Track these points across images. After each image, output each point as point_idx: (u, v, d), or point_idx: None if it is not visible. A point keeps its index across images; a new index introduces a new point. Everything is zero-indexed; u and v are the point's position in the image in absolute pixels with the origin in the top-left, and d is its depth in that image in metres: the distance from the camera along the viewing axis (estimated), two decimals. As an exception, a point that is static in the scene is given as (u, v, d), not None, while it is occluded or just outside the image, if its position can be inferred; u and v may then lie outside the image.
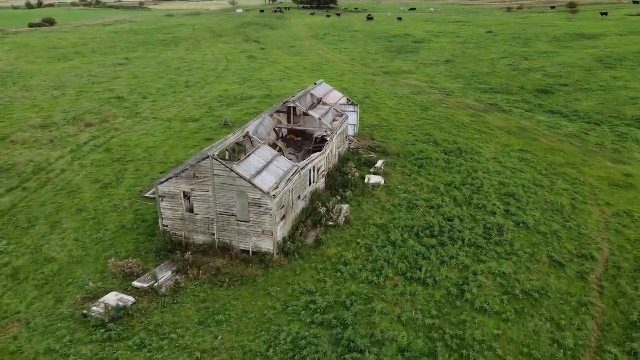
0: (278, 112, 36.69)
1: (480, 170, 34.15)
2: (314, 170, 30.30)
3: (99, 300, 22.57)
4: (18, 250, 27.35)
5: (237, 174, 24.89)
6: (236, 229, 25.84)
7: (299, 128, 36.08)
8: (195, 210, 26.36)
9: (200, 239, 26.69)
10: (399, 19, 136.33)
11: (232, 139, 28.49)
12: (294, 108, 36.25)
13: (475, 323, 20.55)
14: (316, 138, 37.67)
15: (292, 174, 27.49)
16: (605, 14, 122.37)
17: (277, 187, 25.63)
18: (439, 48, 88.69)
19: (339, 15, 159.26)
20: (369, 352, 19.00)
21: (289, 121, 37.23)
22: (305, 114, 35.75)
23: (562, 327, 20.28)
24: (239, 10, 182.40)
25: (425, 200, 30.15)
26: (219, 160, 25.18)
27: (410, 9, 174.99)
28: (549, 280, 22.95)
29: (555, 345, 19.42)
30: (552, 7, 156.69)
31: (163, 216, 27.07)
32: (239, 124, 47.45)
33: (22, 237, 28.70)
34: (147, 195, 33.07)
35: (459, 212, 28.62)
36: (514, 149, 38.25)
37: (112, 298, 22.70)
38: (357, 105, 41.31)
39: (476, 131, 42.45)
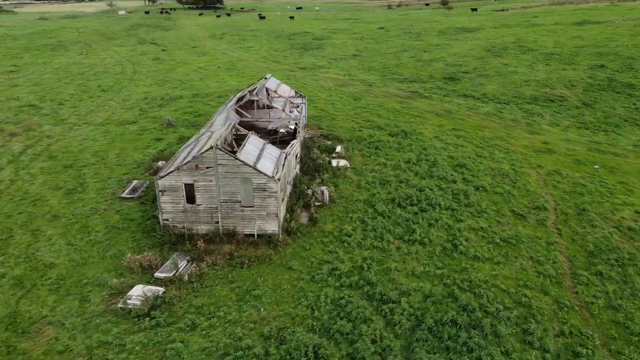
0: (240, 106, 38.06)
1: (428, 147, 38.45)
2: (295, 157, 32.43)
3: (128, 294, 23.02)
4: (8, 260, 26.34)
5: (241, 161, 26.39)
6: (240, 214, 27.30)
7: (263, 121, 37.78)
8: (198, 201, 27.34)
9: (203, 228, 27.71)
10: (291, 17, 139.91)
11: (222, 131, 29.65)
12: (257, 101, 37.87)
13: (474, 268, 24.31)
14: (270, 130, 39.52)
15: (283, 159, 29.46)
16: (475, 9, 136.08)
17: (277, 172, 27.52)
18: (341, 44, 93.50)
19: (228, 15, 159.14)
20: (399, 302, 21.89)
21: (251, 115, 38.73)
22: (269, 107, 37.58)
23: (541, 262, 24.76)
24: (122, 12, 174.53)
25: (394, 176, 33.63)
26: (223, 150, 26.48)
27: (297, 8, 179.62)
28: (518, 229, 27.48)
29: (541, 276, 23.77)
30: (427, 4, 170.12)
31: (163, 210, 27.66)
32: (181, 123, 47.67)
33: (5, 248, 27.54)
34: (124, 195, 32.92)
35: (426, 183, 32.47)
36: (448, 129, 43.21)
37: (141, 290, 23.24)
38: (304, 97, 43.79)
39: (410, 115, 46.99)
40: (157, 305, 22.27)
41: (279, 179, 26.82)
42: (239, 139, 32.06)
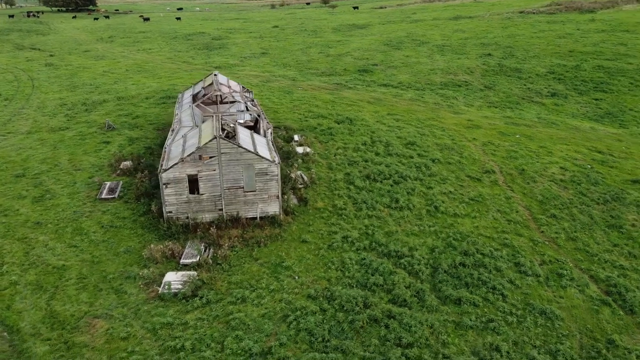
0: (203, 102, 39.10)
1: (376, 130, 42.56)
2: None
3: (164, 281, 24.01)
4: (12, 269, 25.67)
5: (244, 148, 28.22)
6: (243, 199, 29.10)
7: (228, 114, 39.18)
8: (201, 190, 28.62)
9: (207, 217, 29.04)
10: (178, 18, 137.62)
11: (214, 123, 30.92)
12: (220, 95, 39.13)
13: (458, 223, 28.71)
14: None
15: (272, 145, 31.62)
16: (357, 7, 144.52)
17: (275, 156, 29.70)
18: (243, 43, 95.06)
19: (107, 17, 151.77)
20: (411, 255, 25.51)
21: (214, 109, 39.85)
22: (232, 102, 39.10)
23: (507, 213, 29.87)
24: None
25: (359, 157, 37.18)
26: (226, 139, 28.08)
27: (178, 9, 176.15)
28: (479, 190, 32.49)
29: (511, 223, 28.82)
30: (308, 4, 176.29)
31: (167, 202, 28.51)
32: (121, 126, 46.93)
33: (0, 259, 26.59)
34: (104, 197, 32.73)
35: (389, 160, 36.47)
36: (384, 114, 47.76)
37: (175, 276, 24.36)
38: (251, 91, 45.67)
39: (345, 104, 50.87)
40: (200, 286, 23.60)
41: (278, 163, 29.08)
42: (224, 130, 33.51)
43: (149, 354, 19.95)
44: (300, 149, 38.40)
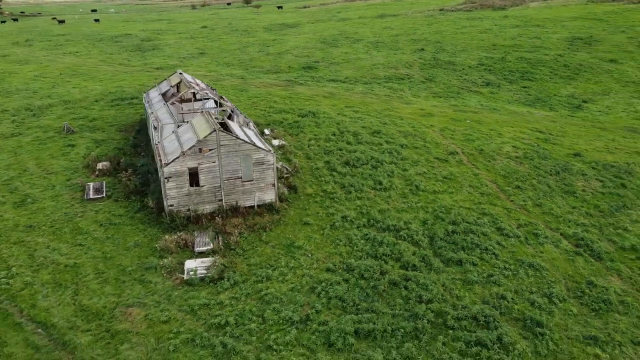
0: (178, 100, 39.67)
1: (341, 122, 45.13)
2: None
3: (187, 268, 25.10)
4: (22, 270, 25.57)
5: (242, 140, 29.69)
6: (241, 189, 30.54)
7: (204, 109, 40.04)
8: (202, 183, 29.73)
9: (207, 208, 30.18)
10: (97, 20, 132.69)
11: (206, 117, 31.92)
12: (195, 93, 39.90)
13: (439, 199, 31.94)
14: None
15: (260, 136, 33.18)
16: (281, 7, 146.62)
17: (269, 147, 31.36)
18: (175, 44, 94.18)
19: (16, 20, 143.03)
20: (408, 228, 28.31)
21: (188, 107, 40.50)
22: (206, 98, 40.00)
23: (478, 187, 33.54)
24: None
25: (332, 146, 39.51)
26: (225, 131, 29.39)
27: (92, 10, 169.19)
28: (449, 169, 36.00)
29: (484, 195, 32.47)
30: (228, 4, 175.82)
31: (169, 196, 29.33)
32: (81, 129, 46.06)
33: (4, 261, 26.28)
34: (91, 197, 32.74)
35: (362, 148, 39.14)
36: (342, 107, 50.44)
37: (194, 263, 25.52)
38: (214, 89, 46.60)
39: (302, 99, 53.02)
40: (223, 269, 24.93)
41: (274, 152, 30.81)
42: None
43: (196, 332, 21.18)
44: (275, 142, 40.11)
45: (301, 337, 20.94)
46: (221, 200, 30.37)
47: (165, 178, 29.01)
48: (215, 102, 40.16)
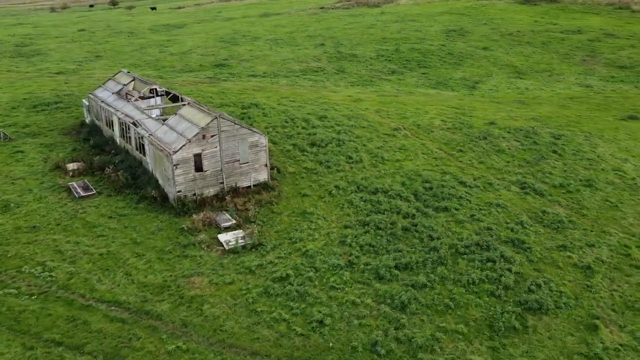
0: (140, 97, 40.73)
1: (285, 111, 49.05)
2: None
3: (223, 241, 27.91)
4: (57, 265, 26.43)
5: (239, 125, 32.74)
6: (239, 171, 33.57)
7: (172, 105, 41.66)
8: (205, 167, 32.23)
9: (211, 191, 32.77)
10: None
11: (198, 107, 34.09)
12: (167, 92, 41.32)
13: (403, 165, 37.77)
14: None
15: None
16: (155, 8, 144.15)
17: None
18: (59, 47, 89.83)
19: None
20: (392, 189, 33.68)
21: (155, 101, 41.74)
22: (168, 94, 41.55)
23: (430, 154, 40.03)
24: None
25: (292, 131, 43.53)
26: (226, 117, 32.19)
27: None
28: (400, 142, 42.04)
29: (437, 159, 38.98)
30: (91, 6, 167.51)
31: (177, 182, 31.42)
32: (18, 136, 44.50)
33: (30, 259, 26.77)
34: (83, 195, 33.32)
35: (319, 130, 43.65)
36: (277, 98, 54.26)
37: (228, 236, 28.42)
38: (161, 87, 47.86)
39: (236, 94, 55.82)
40: (258, 238, 28.15)
41: (266, 135, 34.23)
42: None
43: (264, 284, 24.46)
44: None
45: (354, 276, 25.28)
46: (222, 182, 33.12)
47: (174, 165, 31.09)
48: (176, 96, 42.05)
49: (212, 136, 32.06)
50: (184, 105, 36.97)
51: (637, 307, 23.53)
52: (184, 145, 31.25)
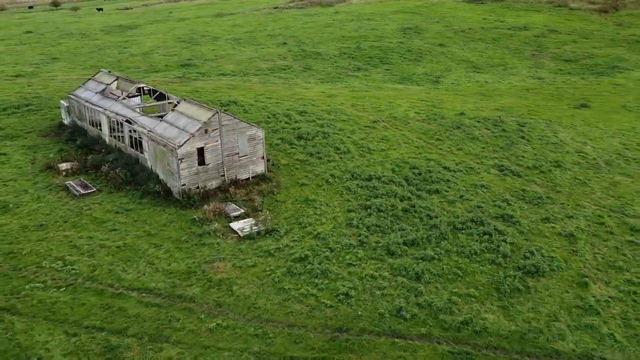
0: (128, 95, 41.19)
1: (265, 107, 50.56)
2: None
3: (237, 228, 29.35)
4: (76, 259, 27.15)
5: (238, 119, 34.16)
6: (238, 163, 34.98)
7: (159, 103, 42.37)
8: (207, 161, 33.46)
9: (213, 183, 34.03)
10: None
11: (195, 104, 35.14)
12: (153, 90, 41.88)
13: (389, 154, 40.24)
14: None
15: (237, 120, 37.62)
16: (101, 9, 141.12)
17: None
18: (8, 50, 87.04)
19: None
20: (384, 176, 36.04)
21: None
22: (155, 91, 42.19)
23: (411, 143, 42.70)
24: None
25: (277, 125, 45.14)
26: (226, 113, 33.50)
27: None
28: (381, 133, 44.51)
29: (420, 148, 41.71)
30: (30, 7, 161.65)
31: (182, 176, 32.50)
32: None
33: (47, 254, 27.31)
34: (83, 192, 33.76)
35: (302, 124, 45.50)
36: (252, 95, 55.57)
37: (240, 224, 29.94)
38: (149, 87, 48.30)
39: (211, 92, 56.70)
40: (270, 224, 29.77)
41: (262, 128, 35.78)
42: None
43: (286, 265, 26.18)
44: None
45: (367, 254, 27.40)
46: (224, 175, 34.43)
47: (179, 159, 32.16)
48: (163, 94, 42.83)
49: (213, 130, 33.33)
50: (179, 102, 37.96)
51: (617, 266, 26.87)
52: (187, 140, 32.38)
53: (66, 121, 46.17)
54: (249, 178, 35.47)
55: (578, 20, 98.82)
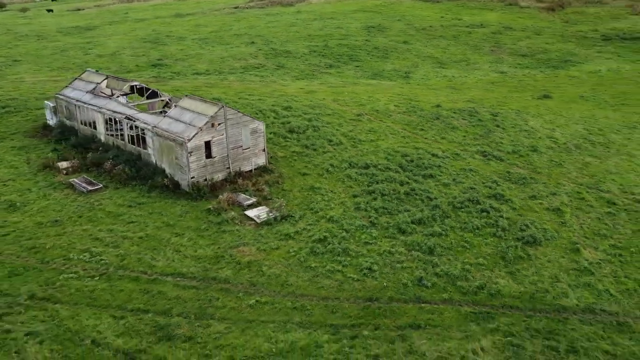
0: (125, 94, 41.85)
1: (249, 104, 51.99)
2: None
3: (254, 216, 30.98)
4: (101, 250, 28.12)
5: (242, 112, 35.70)
6: (242, 156, 36.54)
7: (155, 100, 43.17)
8: (214, 154, 34.85)
9: (219, 175, 35.46)
10: None
11: (198, 99, 36.34)
12: (146, 88, 42.57)
13: (379, 144, 42.70)
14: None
15: (236, 115, 39.09)
16: (51, 10, 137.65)
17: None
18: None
19: None
20: (379, 164, 38.42)
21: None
22: (148, 89, 42.97)
23: (397, 133, 45.33)
24: None
25: (265, 121, 46.73)
26: (231, 107, 34.96)
27: None
28: (367, 125, 46.91)
29: (406, 137, 44.36)
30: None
31: (191, 169, 33.77)
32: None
33: (74, 249, 28.08)
34: (91, 189, 34.44)
35: (290, 119, 47.29)
36: (233, 93, 56.85)
37: (256, 211, 31.55)
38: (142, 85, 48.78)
39: (192, 90, 57.45)
40: (285, 210, 31.58)
41: (263, 122, 37.44)
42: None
43: (307, 246, 28.11)
44: (214, 124, 45.51)
45: (381, 233, 29.67)
46: (229, 167, 35.91)
47: (189, 152, 33.42)
48: (155, 92, 43.71)
49: (219, 124, 34.75)
50: (170, 100, 39.04)
51: (602, 234, 30.24)
52: (196, 134, 33.68)
53: (52, 122, 46.20)
54: (251, 170, 37.07)
55: (528, 18, 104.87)
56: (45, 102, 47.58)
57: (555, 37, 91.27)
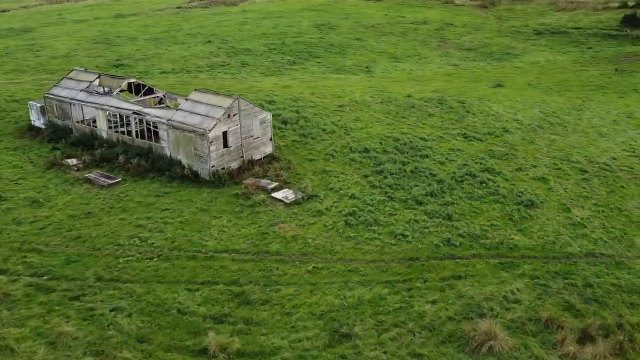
0: (122, 90, 42.83)
1: (241, 94, 54.06)
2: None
3: (282, 197, 33.72)
4: (149, 235, 29.83)
5: (252, 104, 38.18)
6: (253, 145, 39.04)
7: (152, 97, 44.36)
8: (229, 143, 37.14)
9: (234, 164, 37.78)
10: None
11: (211, 93, 38.32)
12: (142, 85, 43.64)
13: (368, 131, 46.41)
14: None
15: (240, 107, 41.40)
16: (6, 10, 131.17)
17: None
18: None
19: None
20: (376, 148, 42.12)
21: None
22: (144, 86, 44.19)
23: (382, 121, 49.24)
24: None
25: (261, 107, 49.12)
26: (244, 99, 37.36)
27: None
28: (351, 115, 50.49)
29: (391, 125, 48.36)
30: None
31: (211, 158, 35.89)
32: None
33: (121, 236, 29.63)
34: (109, 183, 35.71)
35: (279, 112, 50.00)
36: (218, 88, 58.59)
37: (283, 193, 34.32)
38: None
39: (168, 88, 58.66)
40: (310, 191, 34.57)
41: (270, 112, 40.08)
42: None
43: (341, 219, 31.27)
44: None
45: (401, 205, 33.33)
46: (242, 156, 38.30)
47: (210, 142, 35.53)
48: (151, 88, 45.09)
49: (234, 115, 37.07)
50: (165, 95, 40.81)
51: (584, 195, 35.57)
52: (215, 125, 35.83)
53: (38, 122, 46.26)
54: (261, 158, 39.63)
55: (465, 15, 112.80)
56: (30, 102, 47.46)
57: (493, 32, 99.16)
